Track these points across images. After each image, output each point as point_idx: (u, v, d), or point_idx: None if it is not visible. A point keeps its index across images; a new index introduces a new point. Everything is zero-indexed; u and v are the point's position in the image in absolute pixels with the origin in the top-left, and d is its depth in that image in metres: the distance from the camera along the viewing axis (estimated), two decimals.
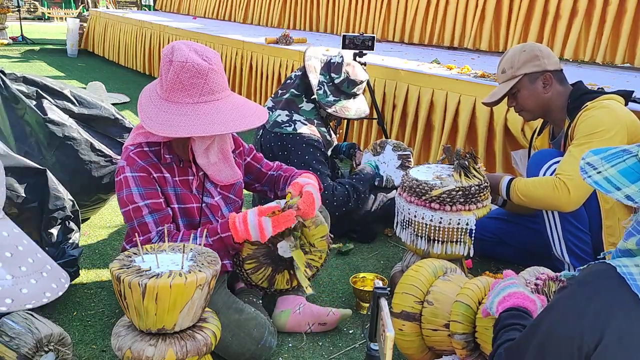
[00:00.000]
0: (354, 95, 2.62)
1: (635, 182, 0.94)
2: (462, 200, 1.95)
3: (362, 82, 2.60)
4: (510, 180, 2.08)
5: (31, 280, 0.71)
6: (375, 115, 3.53)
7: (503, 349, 1.13)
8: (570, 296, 0.96)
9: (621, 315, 0.88)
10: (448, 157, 2.18)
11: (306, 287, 1.80)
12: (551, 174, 2.02)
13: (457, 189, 1.95)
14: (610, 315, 0.89)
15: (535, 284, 1.48)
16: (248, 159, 2.04)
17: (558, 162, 2.02)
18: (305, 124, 2.53)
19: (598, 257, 1.17)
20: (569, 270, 1.96)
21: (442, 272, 1.73)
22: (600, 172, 0.99)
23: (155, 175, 1.73)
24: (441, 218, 1.96)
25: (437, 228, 1.98)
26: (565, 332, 0.93)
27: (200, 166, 1.78)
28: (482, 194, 2.00)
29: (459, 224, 1.96)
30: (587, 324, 0.90)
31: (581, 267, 1.05)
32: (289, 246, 1.81)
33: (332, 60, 2.60)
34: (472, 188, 1.96)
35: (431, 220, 1.97)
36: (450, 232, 1.97)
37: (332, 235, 1.94)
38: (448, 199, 1.95)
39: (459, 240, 2.00)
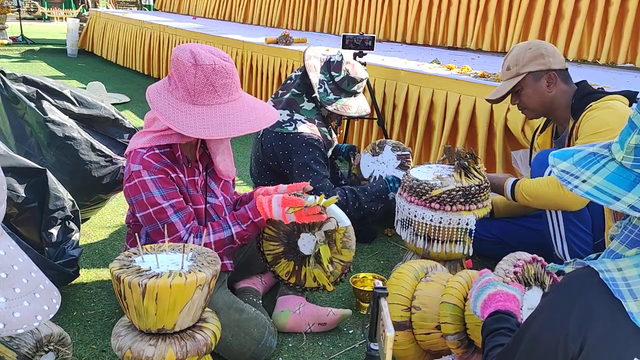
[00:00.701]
0: (355, 94, 2.62)
1: (631, 189, 0.87)
2: (462, 200, 1.95)
3: (362, 80, 2.60)
4: (515, 182, 2.08)
5: (24, 302, 0.69)
6: (375, 116, 3.53)
7: (493, 356, 1.12)
8: (554, 301, 0.96)
9: (602, 319, 0.88)
10: (448, 157, 2.18)
11: (327, 284, 1.85)
12: None
13: (457, 189, 1.95)
14: (592, 319, 0.88)
15: (515, 272, 1.47)
16: None
17: None
18: (306, 124, 2.53)
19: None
20: None
21: (423, 274, 1.71)
22: (585, 181, 0.91)
23: (172, 175, 1.73)
24: (441, 218, 1.96)
25: (437, 228, 1.97)
26: (550, 338, 0.93)
27: (216, 163, 1.82)
28: (482, 194, 1.99)
29: (459, 223, 1.96)
30: (570, 328, 0.89)
31: (568, 261, 1.03)
32: (318, 240, 1.80)
33: (331, 59, 2.60)
34: (472, 188, 1.96)
35: (431, 220, 1.97)
36: (450, 232, 1.97)
37: (351, 268, 1.91)
38: (448, 199, 1.95)
39: (459, 240, 1.99)
